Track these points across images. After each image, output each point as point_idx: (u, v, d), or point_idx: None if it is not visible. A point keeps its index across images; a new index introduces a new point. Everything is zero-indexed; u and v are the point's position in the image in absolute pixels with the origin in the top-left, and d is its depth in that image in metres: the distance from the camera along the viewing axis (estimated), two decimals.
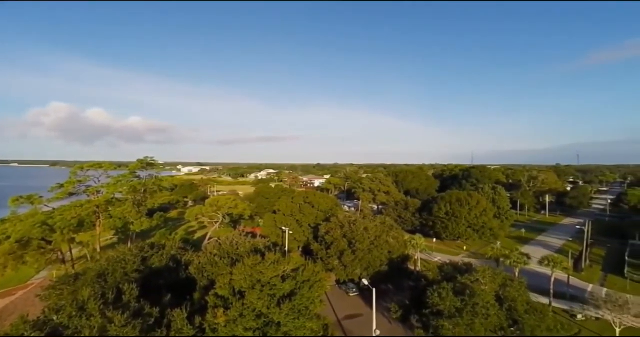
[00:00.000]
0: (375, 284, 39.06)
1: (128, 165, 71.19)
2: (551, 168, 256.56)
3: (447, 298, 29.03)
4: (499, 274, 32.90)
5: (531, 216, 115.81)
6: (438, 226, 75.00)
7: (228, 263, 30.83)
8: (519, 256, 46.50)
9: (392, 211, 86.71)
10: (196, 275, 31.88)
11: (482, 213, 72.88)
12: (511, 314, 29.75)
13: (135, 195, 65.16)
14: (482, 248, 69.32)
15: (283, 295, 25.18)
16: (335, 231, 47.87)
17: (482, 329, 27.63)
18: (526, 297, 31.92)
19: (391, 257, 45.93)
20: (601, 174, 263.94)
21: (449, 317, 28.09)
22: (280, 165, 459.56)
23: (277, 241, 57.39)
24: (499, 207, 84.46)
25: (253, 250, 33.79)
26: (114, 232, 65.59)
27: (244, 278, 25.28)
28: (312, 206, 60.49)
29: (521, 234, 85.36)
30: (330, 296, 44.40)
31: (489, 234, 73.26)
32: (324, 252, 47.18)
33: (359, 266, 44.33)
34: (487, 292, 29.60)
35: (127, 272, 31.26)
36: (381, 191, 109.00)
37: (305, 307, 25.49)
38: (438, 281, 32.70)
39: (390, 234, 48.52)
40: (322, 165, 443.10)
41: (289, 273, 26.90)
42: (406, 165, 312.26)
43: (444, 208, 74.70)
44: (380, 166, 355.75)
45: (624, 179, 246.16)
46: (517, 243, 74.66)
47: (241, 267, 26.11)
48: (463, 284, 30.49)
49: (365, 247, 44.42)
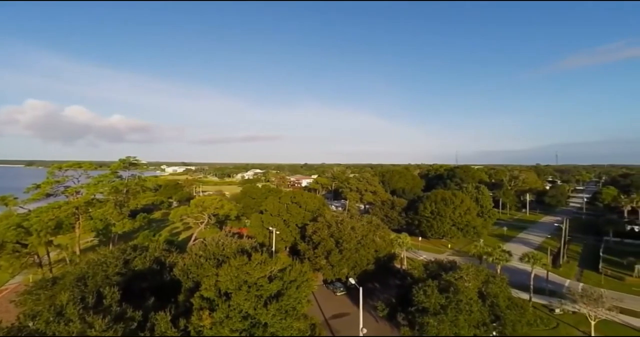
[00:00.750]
0: (362, 283, 39.35)
1: (109, 165, 69.15)
2: (531, 168, 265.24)
3: (432, 295, 29.57)
4: (481, 271, 33.75)
5: (512, 214, 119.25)
6: (423, 224, 76.24)
7: (214, 264, 30.41)
8: (500, 253, 47.89)
9: (378, 210, 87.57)
10: (181, 277, 31.32)
11: (466, 212, 74.55)
12: (493, 309, 30.59)
13: (117, 196, 63.30)
14: (465, 246, 70.83)
15: (270, 295, 25.06)
16: (323, 230, 47.95)
17: (465, 325, 28.28)
18: (507, 293, 32.89)
19: (378, 256, 46.38)
20: (578, 173, 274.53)
21: (434, 314, 28.61)
22: (267, 165, 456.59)
23: (264, 241, 57.01)
24: (482, 206, 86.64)
25: (239, 251, 33.46)
26: (95, 234, 63.55)
27: (230, 279, 25.00)
28: (299, 206, 60.36)
29: (503, 232, 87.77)
30: (317, 296, 44.44)
31: (473, 232, 75.02)
32: (311, 252, 47.18)
33: (346, 265, 44.56)
34: (470, 289, 30.33)
35: (109, 275, 30.40)
36: (368, 190, 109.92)
37: (293, 307, 25.46)
38: (423, 278, 33.26)
39: (376, 233, 48.99)
40: (309, 165, 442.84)
41: (276, 273, 26.79)
42: (393, 165, 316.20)
43: (429, 207, 76.00)
44: (367, 166, 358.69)
45: (599, 179, 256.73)
46: (499, 241, 76.69)
47: (227, 268, 25.82)
48: (447, 281, 31.12)
49: (352, 247, 44.68)
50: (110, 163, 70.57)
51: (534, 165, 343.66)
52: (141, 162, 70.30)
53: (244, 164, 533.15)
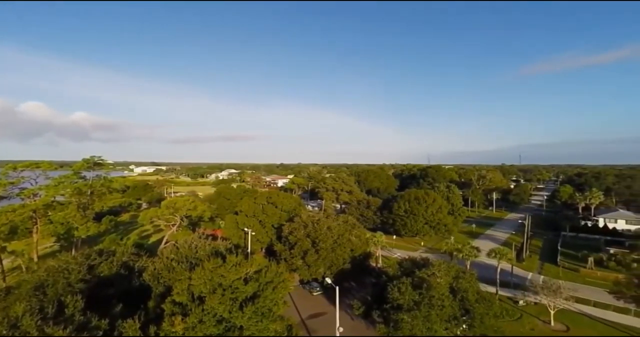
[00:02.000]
0: (338, 282, 39.65)
1: (72, 165, 64.94)
2: (497, 167, 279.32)
3: (406, 292, 30.35)
4: (452, 267, 35.11)
5: (480, 211, 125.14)
6: (398, 223, 78.13)
7: (186, 268, 29.39)
8: (470, 249, 50.14)
9: (354, 209, 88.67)
10: (151, 282, 30.00)
11: (437, 210, 77.23)
12: (463, 303, 31.90)
13: (80, 197, 59.64)
14: (437, 243, 73.37)
15: (245, 298, 24.62)
16: (299, 230, 47.82)
17: (437, 320, 29.29)
18: (476, 287, 34.44)
19: (353, 255, 46.93)
20: (539, 173, 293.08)
21: (407, 311, 29.37)
22: (243, 165, 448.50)
23: (239, 242, 55.98)
24: (453, 204, 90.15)
25: (213, 253, 32.57)
26: (55, 239, 59.50)
27: (203, 282, 24.29)
28: (275, 206, 59.82)
29: (472, 229, 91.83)
30: (294, 296, 44.27)
31: (444, 229, 77.90)
32: (287, 253, 46.91)
33: (322, 265, 44.71)
34: (442, 284, 31.43)
35: (71, 282, 28.53)
36: (344, 190, 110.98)
37: (269, 309, 25.17)
38: (398, 276, 34.06)
39: (352, 232, 49.54)
40: (285, 165, 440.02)
41: (251, 275, 26.36)
42: (368, 165, 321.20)
43: (403, 206, 77.99)
44: (343, 166, 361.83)
45: (557, 178, 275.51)
46: (468, 237, 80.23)
47: (201, 271, 25.06)
48: (421, 278, 32.06)
49: (328, 246, 44.91)
50: (73, 163, 66.23)
51: (500, 165, 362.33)
52: (107, 162, 66.71)
53: (219, 164, 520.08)
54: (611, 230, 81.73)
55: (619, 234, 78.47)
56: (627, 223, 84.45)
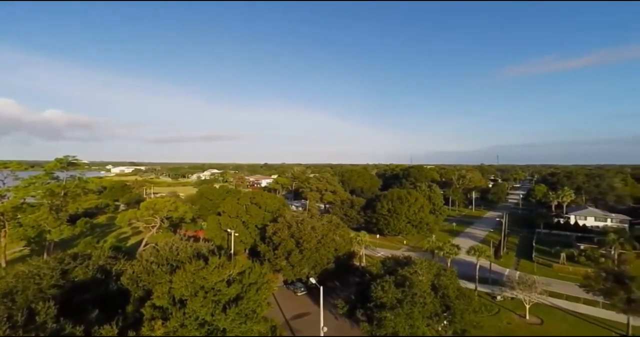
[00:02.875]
0: (322, 282, 39.72)
1: (44, 166, 61.90)
2: (476, 167, 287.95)
3: (389, 290, 30.80)
4: (434, 265, 35.92)
5: (460, 210, 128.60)
6: (381, 222, 79.11)
7: (167, 270, 28.69)
8: (450, 247, 51.49)
9: (338, 209, 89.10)
10: (129, 286, 29.10)
11: (419, 209, 78.77)
12: (444, 300, 32.70)
13: (52, 199, 56.90)
14: (419, 242, 74.83)
15: (228, 300, 24.29)
16: (283, 231, 47.59)
17: (419, 317, 29.89)
18: (457, 284, 35.38)
19: (337, 254, 47.15)
20: (515, 172, 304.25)
21: (390, 309, 29.81)
22: (225, 165, 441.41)
23: (221, 243, 55.11)
24: (434, 203, 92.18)
25: (195, 255, 31.97)
26: (25, 243, 56.53)
27: (185, 285, 23.78)
28: (259, 207, 59.27)
29: (452, 227, 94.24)
30: (278, 297, 44.01)
31: (426, 228, 79.54)
32: (271, 253, 46.58)
33: (306, 265, 44.68)
34: (424, 282, 32.11)
35: (43, 288, 27.23)
36: (328, 190, 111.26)
37: (252, 310, 24.93)
38: (381, 274, 34.51)
39: (336, 232, 49.76)
40: (269, 165, 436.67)
41: (234, 277, 26.02)
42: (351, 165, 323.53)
43: (386, 205, 79.05)
44: (327, 166, 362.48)
45: (532, 177, 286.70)
46: (449, 236, 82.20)
47: (182, 274, 24.52)
48: (403, 276, 32.61)
49: (312, 246, 44.92)
50: (46, 163, 63.13)
51: (479, 165, 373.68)
52: (82, 162, 64.02)
53: (201, 164, 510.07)
54: (581, 227, 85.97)
55: (589, 230, 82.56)
56: (596, 220, 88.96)
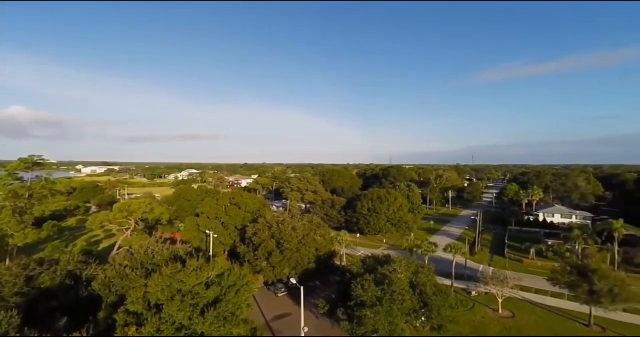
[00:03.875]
0: (303, 282, 39.68)
1: (6, 166, 58.10)
2: (453, 167, 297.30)
3: (369, 289, 31.23)
4: (412, 263, 36.78)
5: (438, 209, 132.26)
6: (361, 222, 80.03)
7: (142, 274, 27.72)
8: (428, 245, 52.88)
9: (319, 209, 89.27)
10: (101, 291, 27.88)
11: (399, 208, 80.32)
12: (422, 297, 33.54)
13: (16, 201, 53.60)
14: (399, 240, 76.28)
15: (207, 303, 23.79)
16: (263, 232, 47.15)
17: (398, 314, 30.50)
18: (434, 281, 36.39)
19: (318, 254, 47.26)
20: (489, 172, 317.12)
21: (370, 307, 30.23)
22: (204, 165, 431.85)
23: (200, 245, 53.85)
24: (413, 202, 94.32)
25: (172, 257, 31.08)
26: None
27: (161, 289, 23.07)
28: (238, 207, 58.42)
29: (430, 225, 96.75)
30: (258, 298, 43.56)
31: (405, 227, 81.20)
32: (251, 255, 46.03)
33: (287, 266, 44.49)
34: (402, 280, 32.79)
35: (5, 296, 25.62)
36: (309, 190, 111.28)
37: (232, 313, 24.54)
38: (361, 273, 34.92)
39: (317, 232, 49.86)
40: (249, 165, 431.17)
41: (213, 279, 25.51)
42: (332, 165, 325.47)
43: (366, 205, 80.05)
44: (308, 166, 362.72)
45: (505, 177, 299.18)
46: (427, 234, 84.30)
47: (158, 278, 23.77)
48: (383, 274, 33.16)
49: (293, 247, 44.79)
50: (9, 163, 59.27)
51: (455, 165, 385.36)
52: (49, 162, 60.76)
53: (178, 164, 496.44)
54: (549, 224, 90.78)
55: (556, 227, 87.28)
56: (562, 217, 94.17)
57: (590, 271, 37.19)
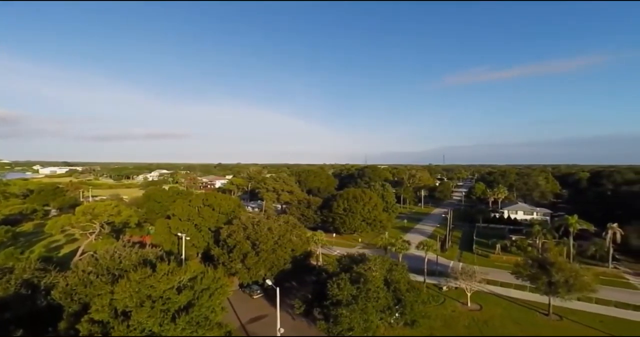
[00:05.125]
0: (279, 283, 39.44)
1: None
2: (425, 167, 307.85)
3: (344, 288, 31.60)
4: (386, 261, 37.63)
5: (411, 208, 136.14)
6: (337, 221, 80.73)
7: (108, 280, 26.32)
8: (402, 243, 54.32)
9: (295, 209, 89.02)
10: (62, 300, 26.18)
11: (373, 208, 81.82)
12: (396, 294, 34.41)
13: None
14: (373, 239, 77.61)
15: (179, 308, 23.04)
16: (238, 233, 46.33)
17: (373, 311, 31.12)
18: (407, 278, 37.45)
19: (294, 255, 47.12)
20: (459, 172, 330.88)
21: (346, 305, 30.61)
22: (176, 165, 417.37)
23: (171, 249, 52.01)
24: (387, 201, 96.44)
25: (141, 262, 29.75)
26: None
27: (129, 296, 22.05)
28: (212, 209, 56.99)
29: (404, 224, 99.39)
30: (233, 301, 42.76)
31: (379, 226, 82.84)
32: (225, 256, 45.08)
33: (263, 267, 44.00)
34: (377, 277, 33.46)
35: None
36: (285, 190, 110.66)
37: (205, 317, 23.95)
38: (337, 272, 35.25)
39: (293, 232, 49.70)
40: (223, 165, 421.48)
41: (185, 283, 24.74)
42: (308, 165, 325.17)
43: (342, 205, 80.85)
44: (283, 166, 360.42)
45: (473, 176, 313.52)
46: (400, 232, 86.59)
47: (125, 284, 22.69)
48: (358, 273, 33.67)
49: (269, 248, 44.37)
50: None
51: (427, 165, 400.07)
52: (1, 161, 56.04)
53: (147, 164, 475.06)
54: (513, 220, 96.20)
55: (519, 223, 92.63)
56: (525, 214, 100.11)
57: (549, 264, 39.86)
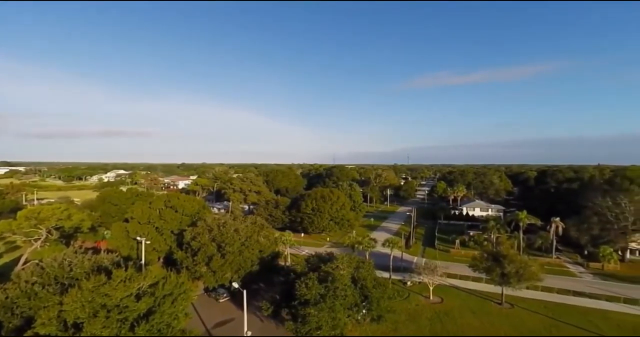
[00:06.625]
0: (246, 285, 38.67)
1: None
2: (391, 167, 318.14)
3: (312, 287, 31.72)
4: (354, 259, 38.35)
5: (377, 206, 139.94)
6: (305, 221, 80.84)
7: (56, 291, 24.25)
8: (368, 241, 55.64)
9: (263, 210, 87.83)
10: (1, 315, 23.66)
11: (341, 207, 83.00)
12: (363, 291, 35.18)
13: None
14: (341, 238, 78.66)
15: (138, 316, 21.80)
16: (203, 235, 44.75)
17: (341, 309, 31.55)
18: (373, 275, 38.40)
19: (262, 256, 46.47)
20: (422, 171, 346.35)
21: (314, 304, 30.75)
22: (135, 165, 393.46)
23: (130, 254, 49.10)
24: (354, 200, 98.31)
25: (95, 269, 27.76)
26: None
27: (80, 306, 20.46)
28: (175, 210, 54.55)
29: (370, 222, 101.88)
30: (197, 306, 41.24)
31: (347, 224, 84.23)
32: (189, 260, 43.33)
33: (229, 270, 42.88)
34: (345, 276, 33.99)
35: None
36: (252, 190, 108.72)
37: (167, 324, 22.89)
38: (305, 272, 35.30)
39: (261, 233, 49.00)
40: (187, 165, 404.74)
41: (145, 289, 23.48)
42: (277, 165, 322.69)
43: (310, 204, 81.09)
44: (251, 166, 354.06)
45: (435, 175, 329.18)
46: (367, 230, 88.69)
47: (76, 293, 21.03)
48: (326, 272, 33.97)
49: (235, 250, 43.35)
50: None
51: (393, 164, 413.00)
52: None
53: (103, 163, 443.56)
54: (471, 216, 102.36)
55: (476, 219, 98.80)
56: (481, 210, 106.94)
57: (502, 257, 42.95)
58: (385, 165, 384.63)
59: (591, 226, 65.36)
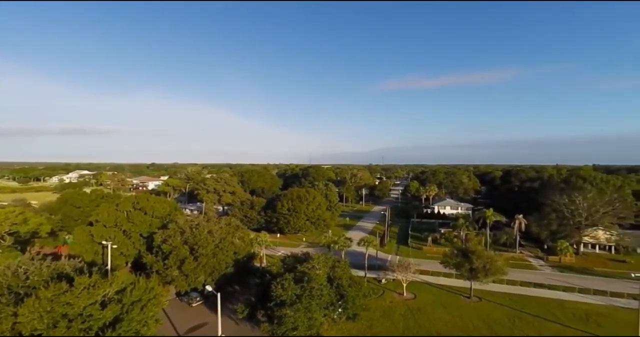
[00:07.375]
0: (221, 288, 37.79)
1: None
2: (366, 167, 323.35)
3: (288, 288, 31.59)
4: (329, 259, 38.59)
5: (353, 206, 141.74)
6: (281, 221, 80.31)
7: (10, 301, 22.45)
8: (344, 240, 56.24)
9: (237, 210, 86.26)
10: None
11: (317, 207, 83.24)
12: (339, 290, 35.52)
13: None
14: (317, 237, 78.84)
15: (104, 325, 20.69)
16: (175, 238, 43.21)
17: (317, 309, 31.67)
18: (349, 273, 38.88)
19: (237, 257, 45.60)
20: (396, 171, 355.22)
21: (290, 305, 30.62)
22: (100, 165, 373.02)
23: (94, 259, 46.48)
24: (330, 200, 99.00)
25: (55, 277, 25.98)
26: None
27: (38, 316, 19.11)
28: (144, 213, 52.27)
29: (346, 221, 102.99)
30: (169, 311, 39.77)
31: (323, 224, 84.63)
32: (160, 264, 41.67)
33: (202, 272, 41.70)
34: (320, 275, 34.13)
35: None
36: (226, 191, 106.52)
37: (136, 331, 21.91)
38: (281, 273, 35.07)
39: (236, 234, 48.06)
40: (158, 165, 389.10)
41: (111, 296, 22.32)
42: (252, 165, 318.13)
43: (286, 205, 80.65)
44: (225, 166, 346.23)
45: (408, 175, 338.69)
46: (343, 230, 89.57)
47: (33, 303, 19.62)
48: (302, 272, 33.94)
49: (209, 252, 42.22)
50: None
51: (368, 165, 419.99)
52: None
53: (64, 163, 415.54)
54: (442, 215, 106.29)
55: (447, 217, 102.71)
56: (452, 209, 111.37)
57: (470, 253, 44.96)
58: (361, 165, 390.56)
59: (550, 221, 69.98)
